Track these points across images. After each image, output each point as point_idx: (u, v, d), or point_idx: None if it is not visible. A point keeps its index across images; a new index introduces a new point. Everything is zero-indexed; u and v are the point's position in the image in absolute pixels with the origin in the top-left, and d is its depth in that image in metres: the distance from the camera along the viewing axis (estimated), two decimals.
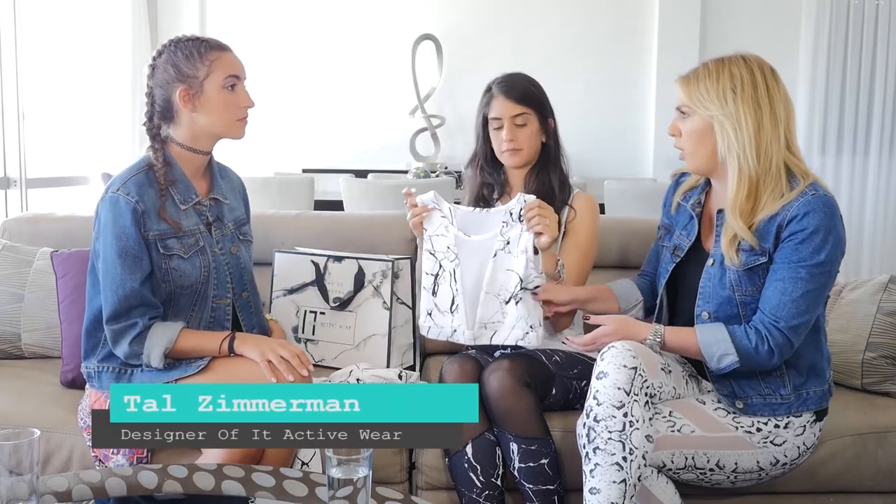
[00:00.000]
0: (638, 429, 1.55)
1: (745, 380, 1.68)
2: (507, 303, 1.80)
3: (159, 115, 1.78)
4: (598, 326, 1.75)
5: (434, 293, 1.87)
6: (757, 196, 1.64)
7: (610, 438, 1.55)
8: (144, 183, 1.75)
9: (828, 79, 5.14)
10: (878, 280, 2.09)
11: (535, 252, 1.81)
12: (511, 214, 1.81)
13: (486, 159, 2.08)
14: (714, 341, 1.64)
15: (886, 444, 1.84)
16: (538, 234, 1.78)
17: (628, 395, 1.56)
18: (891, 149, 5.20)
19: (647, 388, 1.60)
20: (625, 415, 1.55)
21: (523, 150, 2.00)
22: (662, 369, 1.69)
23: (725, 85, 1.63)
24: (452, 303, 1.85)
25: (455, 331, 1.85)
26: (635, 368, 1.59)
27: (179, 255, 1.75)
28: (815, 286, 1.61)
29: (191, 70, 1.74)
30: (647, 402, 1.59)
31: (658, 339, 1.69)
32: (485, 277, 1.82)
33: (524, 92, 2.00)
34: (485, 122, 2.05)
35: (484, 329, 1.82)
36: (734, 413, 1.69)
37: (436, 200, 1.87)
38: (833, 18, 5.10)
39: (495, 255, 1.81)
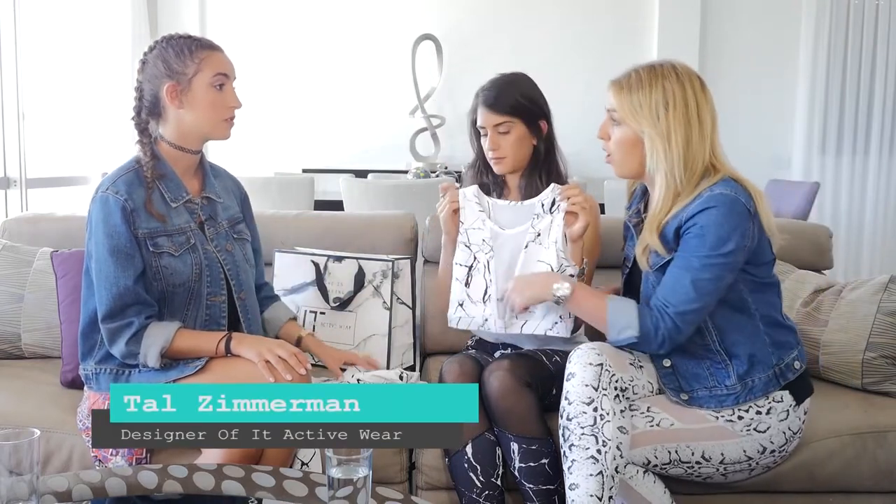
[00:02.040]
0: (609, 421, 1.57)
1: (691, 373, 1.69)
2: None
3: (147, 110, 1.79)
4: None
5: (467, 284, 1.88)
6: (672, 208, 1.66)
7: (583, 434, 1.57)
8: (134, 181, 1.75)
9: (828, 79, 5.13)
10: (878, 280, 2.09)
11: (565, 242, 1.83)
12: (543, 206, 1.86)
13: (482, 161, 2.08)
14: (622, 312, 1.66)
15: (886, 444, 1.84)
16: (571, 219, 1.81)
17: (596, 390, 1.59)
18: (891, 149, 5.20)
19: (616, 381, 1.62)
20: (595, 409, 1.58)
21: (507, 157, 1.99)
22: (632, 364, 1.71)
23: (658, 100, 1.64)
24: (485, 293, 1.86)
25: (486, 320, 1.85)
26: (601, 364, 1.61)
27: (170, 252, 1.75)
28: (708, 276, 1.60)
29: (180, 66, 1.74)
30: (616, 396, 1.61)
31: (565, 293, 1.69)
32: (516, 269, 1.84)
33: (506, 101, 1.97)
34: (475, 126, 2.04)
35: (515, 319, 1.83)
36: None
37: (477, 195, 1.92)
38: (833, 18, 5.09)
39: (527, 246, 1.85)
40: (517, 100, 1.97)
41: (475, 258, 1.88)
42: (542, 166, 2.02)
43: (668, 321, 1.62)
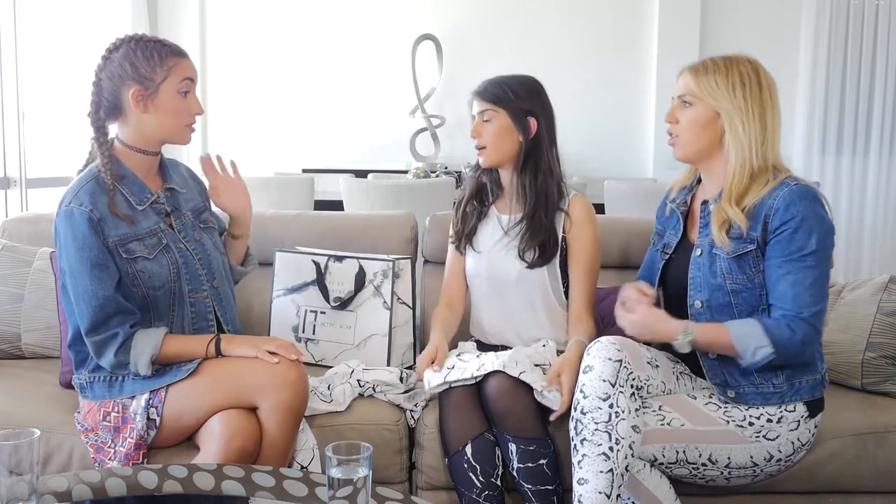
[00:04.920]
0: (624, 419, 1.57)
1: (738, 370, 1.69)
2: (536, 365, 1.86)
3: (106, 109, 1.75)
4: None
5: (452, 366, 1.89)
6: (749, 187, 1.67)
7: (596, 429, 1.56)
8: (95, 190, 1.72)
9: (828, 79, 5.13)
10: (878, 280, 2.09)
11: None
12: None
13: None
14: (747, 334, 1.64)
15: (886, 444, 1.84)
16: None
17: (613, 386, 1.58)
18: (891, 149, 5.20)
19: (633, 380, 1.62)
20: (610, 406, 1.57)
21: (488, 148, 1.99)
22: (649, 363, 1.70)
23: (735, 80, 1.68)
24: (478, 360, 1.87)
25: (483, 364, 1.83)
26: (620, 361, 1.61)
27: (144, 256, 1.73)
28: (821, 272, 1.65)
29: (148, 71, 1.72)
30: (633, 394, 1.61)
31: (689, 338, 1.67)
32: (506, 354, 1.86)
33: (493, 90, 1.99)
34: None
35: (515, 365, 1.81)
36: (725, 407, 1.70)
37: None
38: (833, 18, 5.09)
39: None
40: (504, 90, 1.99)
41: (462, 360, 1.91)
42: (532, 168, 1.98)
43: (805, 327, 1.62)
